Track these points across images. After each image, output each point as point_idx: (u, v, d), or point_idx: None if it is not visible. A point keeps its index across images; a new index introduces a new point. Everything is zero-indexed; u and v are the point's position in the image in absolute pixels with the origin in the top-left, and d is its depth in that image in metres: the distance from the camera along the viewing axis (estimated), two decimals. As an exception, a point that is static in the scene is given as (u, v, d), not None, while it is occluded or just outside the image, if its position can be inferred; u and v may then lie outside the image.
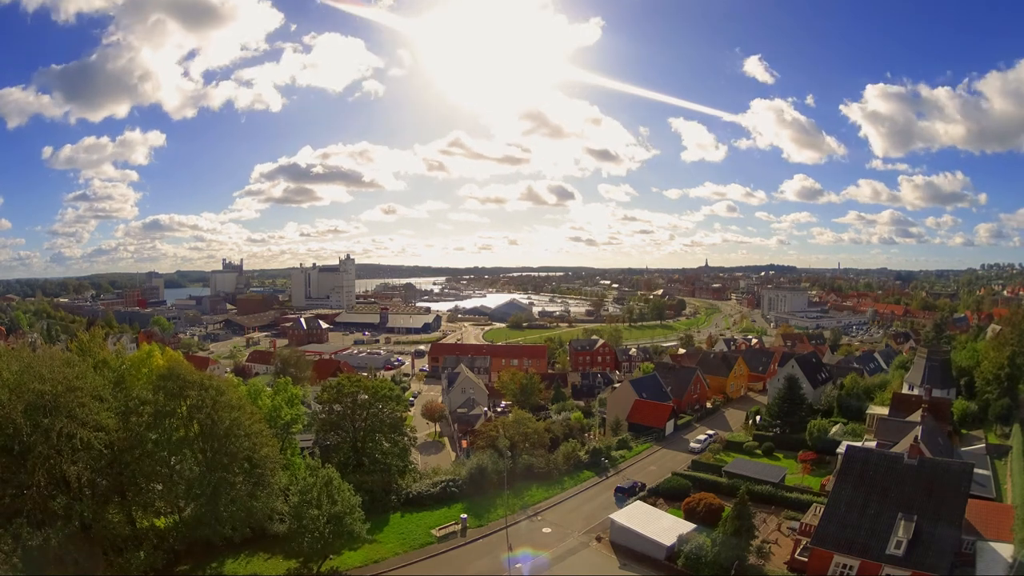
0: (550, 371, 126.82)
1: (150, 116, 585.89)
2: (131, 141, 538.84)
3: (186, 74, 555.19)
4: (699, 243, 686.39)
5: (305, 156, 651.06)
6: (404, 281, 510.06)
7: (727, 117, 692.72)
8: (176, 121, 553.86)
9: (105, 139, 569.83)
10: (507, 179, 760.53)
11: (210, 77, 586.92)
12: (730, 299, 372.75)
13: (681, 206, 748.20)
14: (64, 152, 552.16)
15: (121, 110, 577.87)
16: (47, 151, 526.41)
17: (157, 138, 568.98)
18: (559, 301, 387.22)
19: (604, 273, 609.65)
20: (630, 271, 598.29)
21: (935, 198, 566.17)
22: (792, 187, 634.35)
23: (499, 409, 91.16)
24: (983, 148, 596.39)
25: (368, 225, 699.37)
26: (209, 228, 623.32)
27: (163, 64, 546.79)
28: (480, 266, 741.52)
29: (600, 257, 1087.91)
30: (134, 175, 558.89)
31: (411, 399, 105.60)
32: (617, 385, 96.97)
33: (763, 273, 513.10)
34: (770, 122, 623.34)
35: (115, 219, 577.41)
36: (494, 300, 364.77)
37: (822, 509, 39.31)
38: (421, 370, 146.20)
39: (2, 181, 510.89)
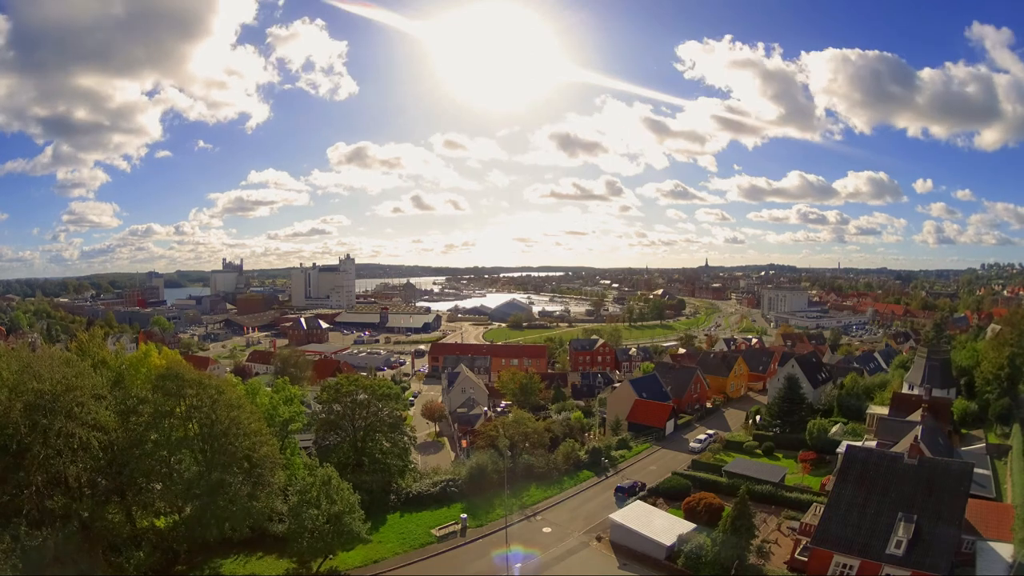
0: (550, 371, 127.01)
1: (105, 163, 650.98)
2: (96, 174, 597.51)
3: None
4: (654, 243, 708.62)
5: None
6: (404, 281, 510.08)
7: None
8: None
9: (85, 172, 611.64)
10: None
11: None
12: (730, 299, 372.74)
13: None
14: (51, 185, 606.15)
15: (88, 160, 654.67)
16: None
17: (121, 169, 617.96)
18: (559, 301, 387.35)
19: (604, 273, 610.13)
20: (630, 271, 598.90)
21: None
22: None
23: (499, 409, 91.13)
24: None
25: (334, 228, 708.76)
26: (189, 233, 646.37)
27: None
28: (480, 266, 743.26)
29: (571, 257, 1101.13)
30: (110, 194, 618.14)
31: (411, 399, 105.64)
32: (617, 385, 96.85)
33: (763, 273, 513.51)
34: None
35: (104, 228, 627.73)
36: (494, 300, 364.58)
37: (822, 509, 39.25)
38: (421, 370, 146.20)
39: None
